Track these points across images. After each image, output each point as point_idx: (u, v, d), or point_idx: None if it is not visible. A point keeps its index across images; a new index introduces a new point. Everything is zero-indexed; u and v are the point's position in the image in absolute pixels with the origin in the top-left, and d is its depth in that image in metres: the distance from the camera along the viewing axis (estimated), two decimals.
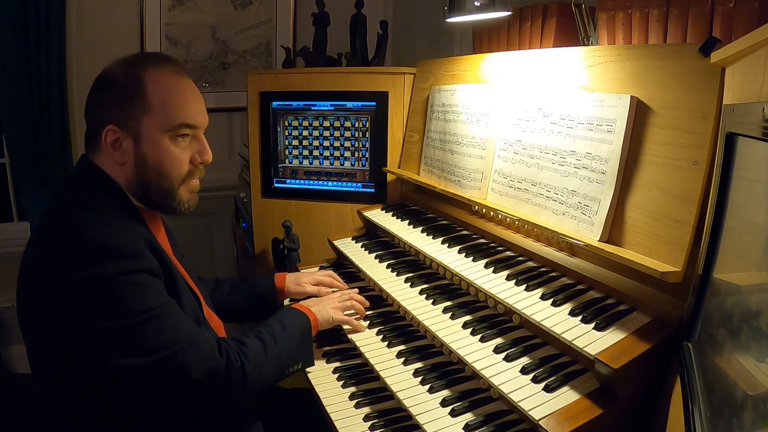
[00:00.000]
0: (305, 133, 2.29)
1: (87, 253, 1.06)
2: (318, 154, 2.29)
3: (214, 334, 1.31)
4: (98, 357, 1.08)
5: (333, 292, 1.70)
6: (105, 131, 1.17)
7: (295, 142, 2.31)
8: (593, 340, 1.10)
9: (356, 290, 1.68)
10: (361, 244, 1.97)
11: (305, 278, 1.74)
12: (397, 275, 1.68)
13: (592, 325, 1.14)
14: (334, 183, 2.28)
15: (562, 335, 1.14)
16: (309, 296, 1.69)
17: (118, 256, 1.07)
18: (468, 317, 1.40)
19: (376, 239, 2.00)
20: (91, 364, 1.10)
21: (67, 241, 1.08)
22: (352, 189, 2.25)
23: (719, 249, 0.92)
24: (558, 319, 1.19)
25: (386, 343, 1.50)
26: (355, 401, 1.40)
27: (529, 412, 1.07)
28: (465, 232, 1.71)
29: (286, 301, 1.75)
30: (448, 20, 1.69)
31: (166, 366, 1.11)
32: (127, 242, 1.10)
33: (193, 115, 1.22)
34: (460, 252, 1.57)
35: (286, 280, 1.72)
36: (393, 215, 1.98)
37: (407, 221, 1.89)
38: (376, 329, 1.58)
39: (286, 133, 2.32)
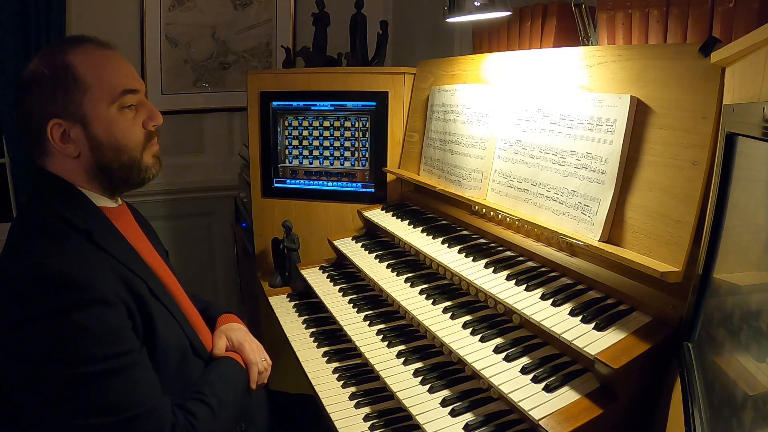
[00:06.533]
0: (305, 133, 2.29)
1: (26, 285, 0.98)
2: (318, 154, 2.29)
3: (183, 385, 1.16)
4: (41, 406, 0.99)
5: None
6: (49, 128, 1.11)
7: (295, 142, 2.31)
8: (593, 340, 1.10)
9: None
10: (361, 244, 1.97)
11: (231, 337, 1.37)
12: (397, 275, 1.68)
13: (592, 325, 1.14)
14: (334, 183, 2.28)
15: (562, 335, 1.14)
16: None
17: (61, 288, 0.98)
18: (468, 317, 1.40)
19: (376, 239, 2.00)
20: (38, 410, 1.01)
21: (8, 272, 1.02)
22: (352, 189, 2.25)
23: (719, 249, 0.92)
24: (558, 319, 1.19)
25: (386, 343, 1.50)
26: (355, 401, 1.40)
27: (529, 412, 1.07)
28: (465, 232, 1.71)
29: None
30: (448, 20, 1.69)
31: None
32: (69, 269, 0.99)
33: (130, 81, 1.18)
34: (460, 252, 1.57)
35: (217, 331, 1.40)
36: (393, 215, 1.98)
37: (407, 221, 1.89)
38: (376, 329, 1.58)
39: (286, 133, 2.32)
